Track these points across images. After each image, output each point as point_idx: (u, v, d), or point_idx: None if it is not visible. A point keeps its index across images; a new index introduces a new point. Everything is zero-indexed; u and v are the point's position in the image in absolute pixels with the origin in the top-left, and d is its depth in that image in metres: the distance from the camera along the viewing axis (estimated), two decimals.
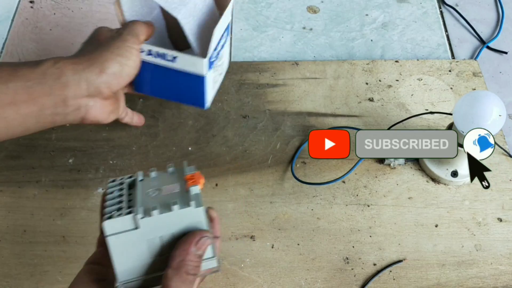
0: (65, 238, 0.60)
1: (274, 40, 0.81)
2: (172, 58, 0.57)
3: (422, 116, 0.69)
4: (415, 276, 0.58)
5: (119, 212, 0.37)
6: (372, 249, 0.60)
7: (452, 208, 0.63)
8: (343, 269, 0.58)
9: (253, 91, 0.73)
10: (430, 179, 0.65)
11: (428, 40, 0.80)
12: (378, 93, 0.72)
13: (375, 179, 0.65)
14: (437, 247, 0.60)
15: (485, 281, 0.57)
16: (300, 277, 0.58)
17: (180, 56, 0.57)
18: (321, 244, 0.60)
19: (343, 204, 0.63)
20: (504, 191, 0.64)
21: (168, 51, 0.57)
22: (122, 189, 0.40)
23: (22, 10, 0.84)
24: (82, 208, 0.62)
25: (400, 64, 0.76)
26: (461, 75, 0.74)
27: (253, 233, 0.61)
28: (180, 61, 0.57)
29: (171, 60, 0.57)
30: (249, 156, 0.67)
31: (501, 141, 0.68)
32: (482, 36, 0.81)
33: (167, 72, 0.59)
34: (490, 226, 0.61)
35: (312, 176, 0.65)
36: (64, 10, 0.84)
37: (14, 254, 0.59)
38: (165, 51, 0.57)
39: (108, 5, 0.84)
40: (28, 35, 0.80)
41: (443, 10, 0.85)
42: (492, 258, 0.59)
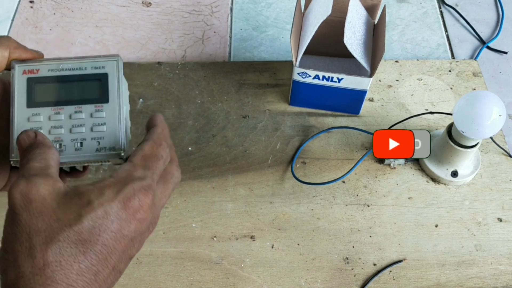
0: None
1: (274, 40, 0.81)
2: (338, 80, 0.63)
3: (422, 116, 0.69)
4: (415, 276, 0.58)
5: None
6: (372, 249, 0.60)
7: (452, 208, 0.63)
8: (343, 269, 0.58)
9: (253, 91, 0.73)
10: (430, 179, 0.65)
11: (428, 40, 0.80)
12: (378, 93, 0.72)
13: (375, 179, 0.65)
14: (437, 247, 0.60)
15: (485, 281, 0.57)
16: (300, 277, 0.58)
17: (345, 78, 0.63)
18: (321, 244, 0.60)
19: (343, 204, 0.63)
20: (504, 191, 0.64)
21: (335, 74, 0.63)
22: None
23: (22, 10, 0.84)
24: None
25: (400, 64, 0.76)
26: (461, 75, 0.74)
27: (253, 233, 0.61)
28: (346, 81, 0.63)
29: (337, 81, 0.63)
30: (249, 156, 0.67)
31: (501, 141, 0.68)
32: (482, 36, 0.81)
33: (330, 90, 0.65)
34: (490, 226, 0.61)
35: (312, 176, 0.65)
36: (64, 10, 0.84)
37: None
38: (332, 74, 0.63)
39: (108, 5, 0.84)
40: (28, 35, 0.80)
41: (443, 10, 0.85)
42: (492, 258, 0.59)
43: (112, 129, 0.38)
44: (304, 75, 0.64)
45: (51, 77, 0.39)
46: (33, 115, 0.38)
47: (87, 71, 0.39)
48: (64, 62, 0.39)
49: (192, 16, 0.83)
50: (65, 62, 0.39)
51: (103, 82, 0.39)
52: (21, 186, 0.31)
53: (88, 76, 0.39)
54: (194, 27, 0.82)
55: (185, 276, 0.58)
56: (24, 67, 0.38)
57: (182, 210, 0.62)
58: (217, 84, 0.73)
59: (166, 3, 0.85)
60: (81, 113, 0.38)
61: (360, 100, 0.67)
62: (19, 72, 0.38)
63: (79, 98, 0.38)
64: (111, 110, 0.38)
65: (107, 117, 0.38)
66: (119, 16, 0.83)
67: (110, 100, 0.38)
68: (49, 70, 0.39)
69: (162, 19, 0.83)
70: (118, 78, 0.39)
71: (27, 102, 0.38)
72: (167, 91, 0.73)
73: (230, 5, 0.85)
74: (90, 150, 0.37)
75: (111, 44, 0.79)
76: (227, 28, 0.82)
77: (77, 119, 0.38)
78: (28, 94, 0.38)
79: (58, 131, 0.38)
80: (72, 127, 0.38)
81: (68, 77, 0.39)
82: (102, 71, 0.39)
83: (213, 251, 0.59)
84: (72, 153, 0.37)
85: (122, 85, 0.39)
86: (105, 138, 0.38)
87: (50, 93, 0.38)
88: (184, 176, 0.65)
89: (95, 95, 0.38)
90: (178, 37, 0.80)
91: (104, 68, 0.39)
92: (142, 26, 0.82)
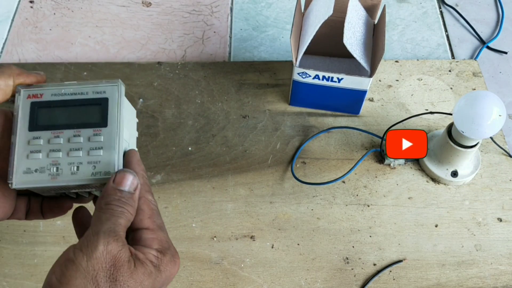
0: (65, 238, 0.60)
1: (274, 40, 0.81)
2: (338, 80, 0.63)
3: (422, 116, 0.69)
4: (415, 276, 0.58)
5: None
6: (372, 249, 0.60)
7: (452, 208, 0.63)
8: (343, 269, 0.58)
9: (253, 91, 0.73)
10: (430, 179, 0.65)
11: (428, 40, 0.80)
12: (378, 93, 0.72)
13: (375, 179, 0.65)
14: (437, 247, 0.60)
15: (485, 281, 0.57)
16: (300, 277, 0.58)
17: (345, 78, 0.63)
18: (321, 244, 0.60)
19: (343, 204, 0.63)
20: (504, 191, 0.64)
21: (335, 74, 0.63)
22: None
23: (22, 10, 0.84)
24: None
25: (400, 64, 0.76)
26: (461, 75, 0.74)
27: (253, 233, 0.61)
28: (346, 81, 0.63)
29: (337, 81, 0.63)
30: (249, 156, 0.67)
31: (501, 141, 0.68)
32: (482, 36, 0.81)
33: (330, 90, 0.65)
34: (490, 226, 0.61)
35: (312, 176, 0.65)
36: (64, 10, 0.84)
37: (14, 254, 0.59)
38: (332, 74, 0.63)
39: (108, 5, 0.84)
40: (28, 35, 0.80)
41: (443, 10, 0.85)
42: (492, 258, 0.59)
43: (108, 154, 0.38)
44: (304, 75, 0.64)
45: (54, 101, 0.39)
46: (34, 138, 0.38)
47: (88, 96, 0.39)
48: (67, 86, 0.39)
49: (192, 16, 0.83)
50: (68, 86, 0.39)
51: (103, 107, 0.39)
52: (113, 246, 0.32)
53: (89, 101, 0.39)
54: (194, 27, 0.82)
55: (185, 276, 0.58)
56: (29, 91, 0.39)
57: (182, 210, 0.62)
58: (217, 84, 0.73)
59: (166, 3, 0.85)
60: (80, 137, 0.38)
61: (360, 100, 0.67)
62: (24, 97, 0.39)
63: (79, 122, 0.39)
64: (109, 134, 0.38)
65: (105, 141, 0.38)
66: (119, 16, 0.83)
67: (109, 124, 0.38)
68: (52, 95, 0.39)
69: (162, 19, 0.83)
70: (118, 102, 0.39)
71: (29, 125, 0.38)
72: (167, 91, 0.73)
73: (230, 5, 0.85)
74: (86, 174, 0.37)
75: (111, 44, 0.79)
76: (227, 28, 0.82)
77: (75, 143, 0.38)
78: (31, 117, 0.39)
79: (56, 155, 0.38)
80: (69, 151, 0.38)
81: (70, 102, 0.39)
82: (103, 96, 0.39)
83: (213, 251, 0.59)
84: (68, 177, 0.37)
85: (123, 110, 0.39)
86: (101, 163, 0.38)
87: (51, 117, 0.39)
88: (184, 176, 0.65)
89: (94, 119, 0.39)
90: (178, 37, 0.80)
91: (105, 92, 0.39)
92: (142, 26, 0.82)
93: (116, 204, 0.35)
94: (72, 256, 0.32)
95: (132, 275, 0.32)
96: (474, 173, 0.64)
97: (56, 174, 0.37)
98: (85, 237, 0.33)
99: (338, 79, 0.63)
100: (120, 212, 0.34)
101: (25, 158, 0.38)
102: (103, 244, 0.32)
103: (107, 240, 0.32)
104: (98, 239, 0.32)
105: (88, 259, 0.31)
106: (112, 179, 0.36)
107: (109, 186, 0.36)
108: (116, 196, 0.35)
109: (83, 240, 0.33)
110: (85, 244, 0.32)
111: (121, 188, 0.35)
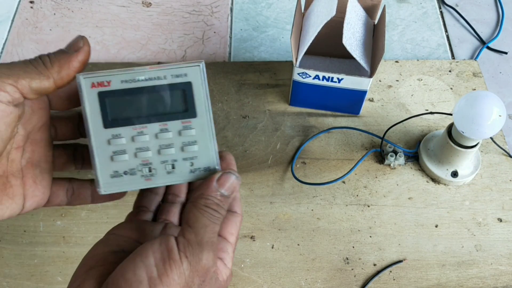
0: (65, 238, 0.60)
1: (274, 40, 0.81)
2: (338, 80, 0.63)
3: (422, 117, 0.69)
4: (415, 276, 0.58)
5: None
6: (372, 249, 0.60)
7: (452, 208, 0.63)
8: (343, 269, 0.58)
9: (253, 91, 0.73)
10: (430, 179, 0.65)
11: (428, 40, 0.80)
12: (378, 93, 0.72)
13: (375, 179, 0.65)
14: (437, 247, 0.60)
15: (485, 282, 0.57)
16: (300, 277, 0.58)
17: (345, 78, 0.63)
18: (321, 244, 0.60)
19: (343, 205, 0.63)
20: (504, 191, 0.64)
21: (335, 75, 0.63)
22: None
23: (22, 10, 0.84)
24: (82, 209, 0.62)
25: (400, 64, 0.76)
26: (461, 75, 0.74)
27: (253, 233, 0.61)
28: (346, 81, 0.63)
29: (337, 82, 0.63)
30: (249, 156, 0.67)
31: (501, 141, 0.68)
32: (482, 36, 0.81)
33: (330, 90, 0.65)
34: (490, 226, 0.61)
35: (312, 176, 0.65)
36: (64, 10, 0.84)
37: (14, 254, 0.59)
38: (332, 74, 0.63)
39: (108, 5, 0.84)
40: (28, 35, 0.80)
41: (443, 10, 0.85)
42: (492, 259, 0.59)
43: (205, 148, 0.34)
44: (304, 75, 0.64)
45: (125, 90, 0.33)
46: (114, 137, 0.33)
47: (167, 81, 0.33)
48: (138, 71, 0.33)
49: (192, 16, 0.83)
50: (140, 71, 0.33)
51: (187, 93, 0.34)
52: (211, 260, 0.32)
53: (169, 87, 0.33)
54: (194, 27, 0.82)
55: None
56: (91, 79, 0.33)
57: None
58: (217, 84, 0.73)
59: (166, 3, 0.85)
60: (168, 132, 0.34)
61: (360, 100, 0.67)
62: (87, 86, 0.33)
63: (162, 114, 0.34)
64: (201, 126, 0.34)
65: (197, 135, 0.34)
66: (119, 16, 0.83)
67: (199, 114, 0.34)
68: (122, 82, 0.33)
69: (162, 19, 0.83)
70: (203, 87, 0.34)
71: (103, 121, 0.33)
72: None
73: (230, 5, 0.85)
74: (183, 172, 0.34)
75: (111, 45, 0.79)
76: (227, 28, 0.82)
77: (165, 139, 0.34)
78: (103, 111, 0.33)
79: (145, 155, 0.34)
80: (160, 149, 0.34)
81: (146, 89, 0.33)
82: (185, 80, 0.33)
83: None
84: (164, 177, 0.34)
85: (208, 95, 0.34)
86: (198, 158, 0.34)
87: (127, 109, 0.33)
88: None
89: (180, 108, 0.34)
90: (178, 37, 0.80)
91: (186, 75, 0.33)
92: (142, 26, 0.82)
93: (214, 209, 0.33)
94: (177, 258, 0.31)
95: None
96: (474, 173, 0.64)
97: (150, 175, 0.34)
98: (189, 242, 0.32)
99: (338, 80, 0.63)
100: (217, 219, 0.33)
101: (108, 160, 0.34)
102: (206, 259, 0.32)
103: (209, 254, 0.32)
104: (202, 250, 0.32)
105: (192, 270, 0.31)
106: (215, 178, 0.34)
107: (211, 186, 0.33)
108: (216, 200, 0.33)
109: (186, 243, 0.32)
110: (190, 251, 0.31)
111: (222, 191, 0.34)
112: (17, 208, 0.35)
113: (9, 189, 0.34)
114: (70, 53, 0.33)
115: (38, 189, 0.35)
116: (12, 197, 0.34)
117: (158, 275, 0.30)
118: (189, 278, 0.31)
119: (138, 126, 0.34)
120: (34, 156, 0.35)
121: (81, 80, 0.33)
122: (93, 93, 0.33)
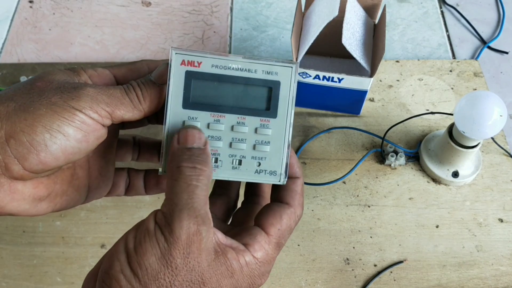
0: (64, 239, 0.60)
1: (274, 39, 0.80)
2: (339, 80, 0.63)
3: (423, 117, 0.69)
4: (415, 277, 0.58)
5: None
6: (373, 250, 0.59)
7: (453, 208, 0.62)
8: (343, 270, 0.58)
9: None
10: (431, 179, 0.64)
11: (429, 40, 0.80)
12: (378, 93, 0.72)
13: (375, 179, 0.64)
14: (438, 247, 0.60)
15: (486, 282, 0.57)
16: (300, 278, 0.58)
17: (346, 78, 0.63)
18: (322, 245, 0.60)
19: (343, 205, 0.63)
20: (505, 191, 0.64)
21: (335, 74, 0.62)
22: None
23: (21, 10, 0.84)
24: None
25: (400, 64, 0.76)
26: (462, 75, 0.74)
27: None
28: (346, 81, 0.63)
29: (337, 82, 0.63)
30: None
31: (502, 141, 0.68)
32: (483, 36, 0.80)
33: (330, 90, 0.65)
34: (491, 227, 0.61)
35: (312, 177, 0.65)
36: (64, 10, 0.83)
37: (13, 254, 0.59)
38: (333, 74, 0.62)
39: (108, 5, 0.84)
40: (27, 35, 0.80)
41: (444, 10, 0.85)
42: (493, 259, 0.59)
43: (276, 151, 0.33)
44: (304, 75, 0.64)
45: (214, 74, 0.32)
46: (189, 119, 0.33)
47: (257, 75, 0.33)
48: (232, 59, 0.33)
49: (192, 16, 0.83)
50: (233, 59, 0.33)
51: (273, 92, 0.33)
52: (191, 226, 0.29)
53: (257, 82, 0.33)
54: (194, 27, 0.82)
55: None
56: (183, 55, 0.32)
57: None
58: None
59: (165, 3, 0.85)
60: (244, 126, 0.33)
61: (360, 100, 0.67)
62: (177, 62, 0.32)
63: (243, 107, 0.33)
64: (278, 127, 0.33)
65: (272, 136, 0.33)
66: (119, 16, 0.83)
67: (279, 115, 0.33)
68: (212, 66, 0.32)
69: (161, 19, 0.83)
70: (291, 89, 0.33)
71: (183, 101, 0.33)
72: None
73: (230, 5, 0.85)
74: (248, 170, 0.33)
75: (111, 44, 0.79)
76: (227, 28, 0.82)
77: (239, 133, 0.33)
78: (186, 91, 0.33)
79: (216, 144, 0.33)
80: (232, 141, 0.33)
81: (234, 79, 0.33)
82: (275, 78, 0.33)
83: None
84: (228, 171, 0.33)
85: (294, 98, 0.33)
86: (266, 160, 0.33)
87: (211, 95, 0.33)
88: None
89: (262, 106, 0.33)
90: (177, 37, 0.80)
91: (277, 74, 0.33)
92: (141, 26, 0.82)
93: (188, 166, 0.30)
94: (151, 229, 0.29)
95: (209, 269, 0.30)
96: (475, 174, 0.63)
97: (215, 165, 0.33)
98: (163, 212, 0.30)
99: (338, 79, 0.63)
100: (195, 178, 0.30)
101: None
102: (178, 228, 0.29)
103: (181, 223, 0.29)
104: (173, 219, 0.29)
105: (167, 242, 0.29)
106: (175, 141, 0.32)
107: (174, 148, 0.31)
108: (186, 156, 0.31)
109: (161, 214, 0.30)
110: (163, 222, 0.29)
111: (189, 146, 0.31)
112: (81, 200, 0.35)
113: (75, 180, 0.34)
114: (159, 87, 0.33)
115: (103, 181, 0.36)
116: (77, 188, 0.34)
117: (134, 246, 0.29)
118: (164, 250, 0.29)
119: (216, 114, 0.33)
120: (101, 146, 0.34)
121: (173, 56, 0.32)
122: (181, 70, 0.32)
